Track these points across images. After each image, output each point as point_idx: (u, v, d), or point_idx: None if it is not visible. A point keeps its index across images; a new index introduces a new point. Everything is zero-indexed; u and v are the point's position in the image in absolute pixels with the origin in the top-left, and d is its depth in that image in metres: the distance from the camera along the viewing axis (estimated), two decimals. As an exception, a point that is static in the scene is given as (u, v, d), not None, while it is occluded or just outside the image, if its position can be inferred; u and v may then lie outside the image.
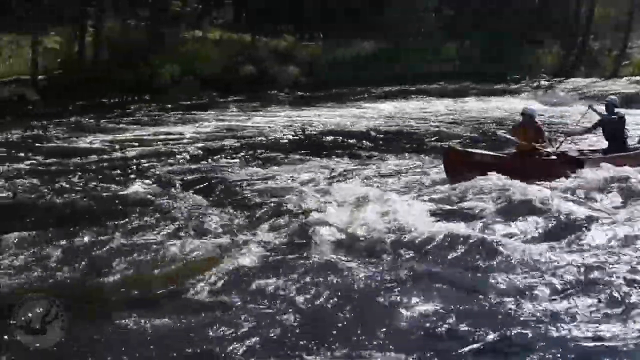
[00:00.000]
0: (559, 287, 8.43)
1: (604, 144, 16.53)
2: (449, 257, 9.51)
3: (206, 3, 47.28)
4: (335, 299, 8.07)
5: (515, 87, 40.21)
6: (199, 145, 19.25)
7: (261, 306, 7.95)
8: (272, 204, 12.08)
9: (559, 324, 7.55)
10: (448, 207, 12.15)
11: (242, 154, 18.01)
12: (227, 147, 19.05)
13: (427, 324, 7.56)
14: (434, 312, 7.77)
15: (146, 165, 16.17)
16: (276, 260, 9.34)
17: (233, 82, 35.01)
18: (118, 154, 17.72)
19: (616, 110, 16.26)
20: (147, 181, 14.20)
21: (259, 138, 20.98)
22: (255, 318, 7.61)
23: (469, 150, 15.60)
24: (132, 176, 14.82)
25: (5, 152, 17.54)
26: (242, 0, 51.54)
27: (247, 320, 7.58)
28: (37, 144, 19.02)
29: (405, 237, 10.16)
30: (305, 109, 28.63)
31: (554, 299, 8.16)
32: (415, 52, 44.52)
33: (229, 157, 17.40)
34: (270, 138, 21.11)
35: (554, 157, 15.18)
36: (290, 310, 7.82)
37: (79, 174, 15.01)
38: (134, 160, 16.74)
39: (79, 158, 17.00)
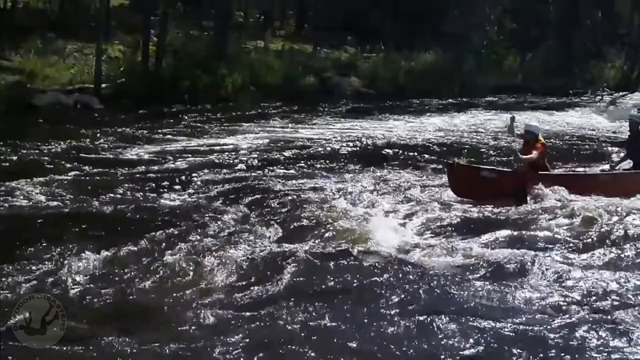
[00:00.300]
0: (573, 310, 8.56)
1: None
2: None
3: (268, 14, 47.50)
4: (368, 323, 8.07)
5: (577, 101, 39.74)
6: (254, 155, 19.24)
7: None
8: (316, 220, 12.11)
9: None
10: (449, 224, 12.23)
11: (296, 165, 17.98)
12: (282, 159, 18.99)
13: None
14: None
15: (202, 176, 16.18)
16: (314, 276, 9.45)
17: (294, 92, 35.01)
18: (174, 164, 17.72)
19: None
20: (198, 192, 14.33)
21: (315, 149, 20.88)
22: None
23: (475, 165, 15.44)
24: (184, 187, 14.91)
25: (64, 159, 17.65)
26: (304, 12, 51.75)
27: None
28: (96, 152, 19.14)
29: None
30: (364, 121, 28.45)
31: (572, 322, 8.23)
32: (477, 65, 44.23)
33: (282, 169, 17.39)
34: (326, 149, 21.00)
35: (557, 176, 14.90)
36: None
37: (135, 183, 15.12)
38: (189, 171, 16.74)
39: (134, 167, 17.07)
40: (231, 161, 18.28)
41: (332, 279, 9.31)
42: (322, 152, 20.51)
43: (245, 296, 8.70)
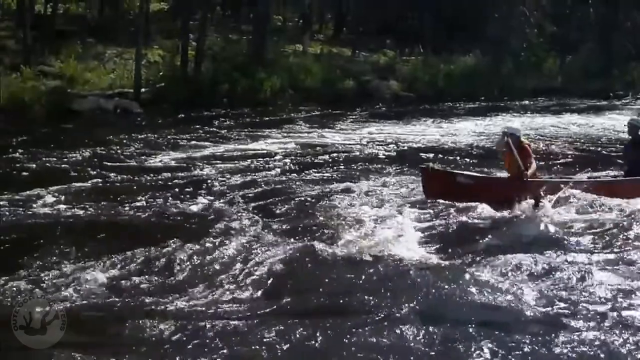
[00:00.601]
0: (539, 316, 8.41)
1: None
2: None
3: (307, 17, 47.55)
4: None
5: (618, 104, 39.22)
6: (291, 160, 19.07)
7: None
8: (342, 228, 11.93)
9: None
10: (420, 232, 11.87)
11: (334, 170, 17.73)
12: (319, 164, 18.75)
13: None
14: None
15: (238, 181, 16.03)
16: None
17: (333, 96, 34.99)
18: (212, 169, 17.53)
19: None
20: (230, 198, 14.11)
21: (353, 154, 20.68)
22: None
23: (450, 171, 14.87)
24: (217, 192, 14.71)
25: (102, 164, 17.73)
26: (342, 15, 51.75)
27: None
28: (135, 157, 19.15)
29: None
30: (403, 124, 28.31)
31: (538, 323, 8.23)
32: (516, 67, 44.00)
33: (319, 174, 17.10)
34: (363, 154, 20.86)
35: (542, 182, 13.93)
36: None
37: (172, 188, 15.03)
38: (227, 176, 16.62)
39: (172, 172, 16.96)
40: (268, 166, 18.14)
41: (348, 288, 9.23)
42: (360, 156, 20.37)
43: (258, 305, 8.63)
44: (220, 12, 48.66)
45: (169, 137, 22.75)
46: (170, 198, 14.05)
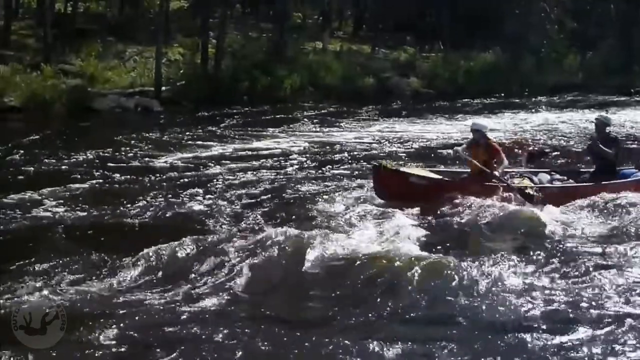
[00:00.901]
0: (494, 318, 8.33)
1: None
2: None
3: (326, 15, 47.56)
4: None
5: (638, 100, 38.89)
6: (305, 158, 18.95)
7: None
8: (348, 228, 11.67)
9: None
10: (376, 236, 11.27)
11: (351, 168, 17.64)
12: (334, 160, 18.70)
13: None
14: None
15: (253, 179, 15.96)
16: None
17: (353, 93, 34.96)
18: (231, 166, 17.47)
19: (608, 129, 14.36)
20: (242, 197, 14.00)
21: (370, 151, 20.63)
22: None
23: (404, 169, 13.98)
24: (232, 190, 14.55)
25: (124, 162, 17.77)
26: (362, 12, 51.70)
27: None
28: (154, 154, 19.12)
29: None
30: (423, 121, 28.27)
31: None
32: (536, 64, 43.84)
33: (336, 171, 17.02)
34: (383, 150, 20.84)
35: (502, 183, 13.16)
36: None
37: (188, 186, 14.94)
38: (244, 173, 16.55)
39: (192, 170, 16.95)
40: (285, 164, 17.96)
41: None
42: (379, 153, 20.29)
43: (257, 309, 8.64)
44: (240, 10, 48.73)
45: (189, 135, 22.75)
46: (185, 197, 13.93)
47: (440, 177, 14.00)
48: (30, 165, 16.83)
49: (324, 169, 17.36)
